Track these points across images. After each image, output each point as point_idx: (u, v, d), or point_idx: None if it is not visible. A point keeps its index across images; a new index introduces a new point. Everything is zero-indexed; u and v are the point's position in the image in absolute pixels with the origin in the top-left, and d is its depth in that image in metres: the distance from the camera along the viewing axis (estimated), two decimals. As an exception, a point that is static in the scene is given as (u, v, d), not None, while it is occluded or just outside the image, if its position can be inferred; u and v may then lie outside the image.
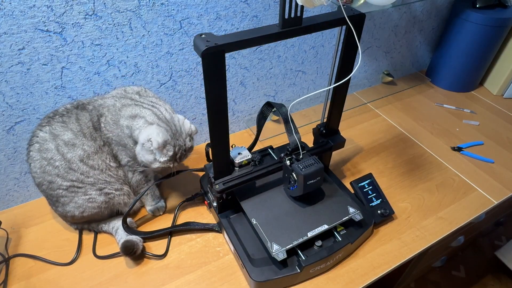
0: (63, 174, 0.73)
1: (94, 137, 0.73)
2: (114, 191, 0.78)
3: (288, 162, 0.74)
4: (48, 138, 0.72)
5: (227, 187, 0.73)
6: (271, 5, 0.92)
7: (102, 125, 0.73)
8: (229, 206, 0.82)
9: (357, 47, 0.71)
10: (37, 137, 0.72)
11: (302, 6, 0.57)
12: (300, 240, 0.72)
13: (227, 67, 0.98)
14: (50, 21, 0.71)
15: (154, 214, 0.88)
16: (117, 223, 0.82)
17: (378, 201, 0.86)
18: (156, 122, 0.71)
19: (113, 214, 0.84)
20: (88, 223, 0.83)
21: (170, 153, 0.71)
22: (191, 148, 0.76)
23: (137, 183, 0.82)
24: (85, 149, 0.73)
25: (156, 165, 0.72)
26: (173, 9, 0.81)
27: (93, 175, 0.75)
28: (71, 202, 0.75)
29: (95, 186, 0.76)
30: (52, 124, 0.72)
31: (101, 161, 0.75)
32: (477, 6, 1.18)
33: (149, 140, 0.69)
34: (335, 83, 0.77)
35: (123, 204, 0.82)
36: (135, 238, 0.78)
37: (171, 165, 0.73)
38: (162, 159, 0.71)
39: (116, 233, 0.81)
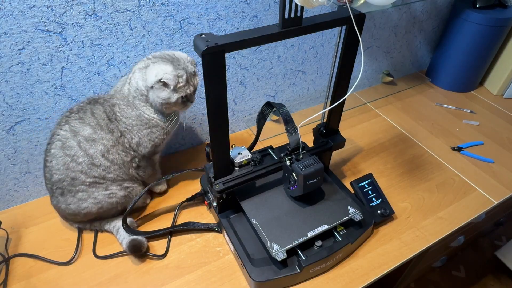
0: (87, 170, 0.74)
1: (111, 129, 0.75)
2: (132, 184, 0.81)
3: (288, 162, 0.74)
4: (70, 136, 0.73)
5: (227, 187, 0.73)
6: (271, 5, 0.92)
7: (118, 114, 0.75)
8: (229, 206, 0.82)
9: (357, 47, 0.71)
10: (58, 135, 0.74)
11: (302, 6, 0.57)
12: (300, 240, 0.72)
13: (227, 67, 0.98)
14: (50, 21, 0.71)
15: (154, 190, 0.92)
16: (118, 223, 0.82)
17: (378, 201, 0.86)
18: (150, 63, 0.72)
19: (125, 210, 0.84)
20: (91, 222, 0.83)
21: (184, 77, 0.72)
22: (195, 73, 0.77)
23: (149, 154, 0.82)
24: (105, 143, 0.74)
25: (175, 97, 0.73)
26: (173, 9, 0.81)
27: (113, 171, 0.77)
28: (89, 198, 0.77)
29: (115, 182, 0.78)
30: (70, 122, 0.74)
31: (117, 155, 0.77)
32: (477, 6, 1.18)
33: (159, 80, 0.70)
34: (335, 83, 0.77)
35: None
36: (140, 236, 0.79)
37: (189, 92, 0.74)
38: (178, 87, 0.72)
39: (118, 233, 0.81)
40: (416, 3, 1.19)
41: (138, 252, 0.77)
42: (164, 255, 0.80)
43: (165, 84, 0.71)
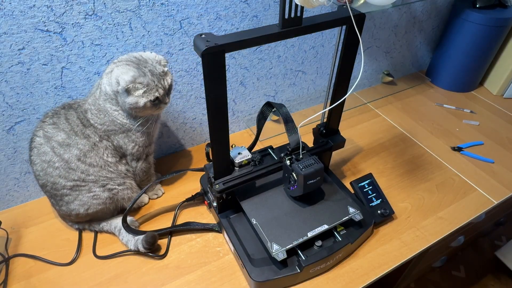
0: (65, 175, 0.74)
1: (86, 135, 0.74)
2: (117, 186, 0.80)
3: (288, 162, 0.74)
4: (43, 142, 0.73)
5: (227, 187, 0.73)
6: (271, 5, 0.92)
7: (92, 121, 0.74)
8: (229, 206, 0.82)
9: (357, 47, 0.71)
10: (34, 142, 0.74)
11: (302, 6, 0.57)
12: (300, 240, 0.71)
13: (227, 67, 0.98)
14: (50, 21, 0.71)
15: (151, 198, 0.92)
16: (120, 223, 0.82)
17: (378, 201, 0.86)
18: (114, 67, 0.70)
19: (118, 209, 0.84)
20: (89, 223, 0.83)
21: (145, 81, 0.69)
22: (165, 73, 0.73)
23: (142, 171, 0.84)
24: (80, 148, 0.74)
25: (142, 101, 0.70)
26: (173, 9, 0.81)
27: (93, 173, 0.76)
28: (76, 200, 0.76)
29: (97, 183, 0.77)
30: (44, 127, 0.74)
31: (98, 158, 0.76)
32: (477, 6, 1.18)
33: (117, 82, 0.68)
34: (335, 83, 0.77)
35: (127, 199, 0.83)
36: (149, 232, 0.79)
37: (159, 95, 0.71)
38: (141, 93, 0.69)
39: (120, 233, 0.81)
40: (416, 3, 1.19)
41: (155, 244, 0.79)
42: (164, 255, 0.80)
43: (128, 89, 0.69)
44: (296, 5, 0.57)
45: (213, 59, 0.55)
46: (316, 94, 1.24)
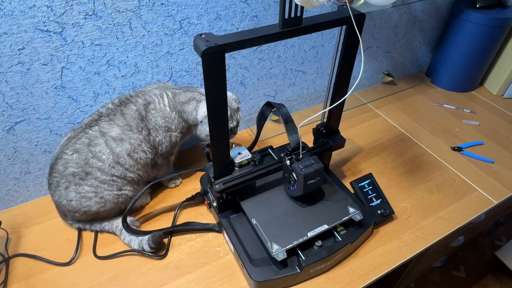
0: (106, 168, 0.76)
1: (140, 128, 0.78)
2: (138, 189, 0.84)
3: (288, 162, 0.74)
4: (98, 135, 0.76)
5: (227, 187, 0.73)
6: (271, 5, 0.93)
7: (153, 111, 0.79)
8: (229, 206, 0.82)
9: (357, 47, 0.71)
10: (87, 134, 0.76)
11: (302, 6, 0.57)
12: (300, 240, 0.71)
13: (227, 67, 0.98)
14: (50, 21, 0.71)
15: (169, 186, 0.96)
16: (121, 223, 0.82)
17: (378, 201, 0.86)
18: (203, 99, 0.83)
19: (122, 210, 0.85)
20: (90, 222, 0.83)
21: (228, 114, 0.78)
22: (239, 109, 0.87)
23: (163, 167, 0.89)
24: (132, 142, 0.77)
25: None
26: (173, 9, 0.81)
27: (136, 170, 0.80)
28: (96, 196, 0.77)
29: (131, 183, 0.81)
30: (100, 123, 0.77)
31: (142, 154, 0.79)
32: (477, 6, 1.18)
33: (206, 116, 0.77)
34: (335, 83, 0.77)
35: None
36: (155, 232, 0.80)
37: (232, 126, 0.85)
38: None
39: (121, 233, 0.82)
40: (416, 3, 1.19)
41: (161, 243, 0.80)
42: (164, 255, 0.80)
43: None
44: (296, 5, 0.57)
45: (213, 59, 0.55)
46: (316, 94, 1.24)
